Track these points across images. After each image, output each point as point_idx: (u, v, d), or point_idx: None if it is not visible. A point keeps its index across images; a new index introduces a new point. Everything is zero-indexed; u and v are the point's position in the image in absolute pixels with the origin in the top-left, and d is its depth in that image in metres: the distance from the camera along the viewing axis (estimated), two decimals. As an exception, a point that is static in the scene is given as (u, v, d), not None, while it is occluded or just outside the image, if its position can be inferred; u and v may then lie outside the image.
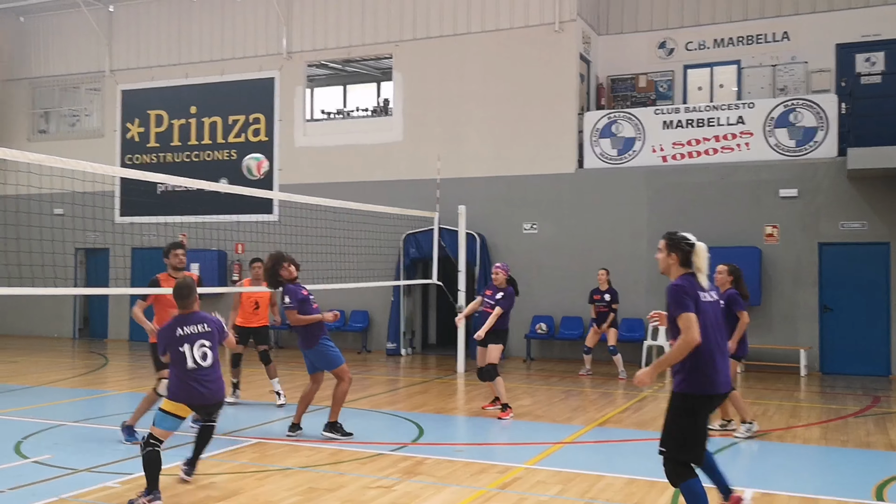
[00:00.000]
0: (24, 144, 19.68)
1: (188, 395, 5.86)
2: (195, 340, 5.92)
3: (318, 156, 17.55)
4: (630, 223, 15.02)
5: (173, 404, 5.84)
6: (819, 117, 14.06)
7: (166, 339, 5.96)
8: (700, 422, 4.69)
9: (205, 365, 5.91)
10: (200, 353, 5.90)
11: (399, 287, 15.77)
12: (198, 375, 5.87)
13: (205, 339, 5.98)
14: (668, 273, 4.90)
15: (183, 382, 5.86)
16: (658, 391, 11.60)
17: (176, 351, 5.90)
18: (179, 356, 5.88)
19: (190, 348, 5.88)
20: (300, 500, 5.78)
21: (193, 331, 5.96)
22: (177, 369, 5.90)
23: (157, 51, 19.19)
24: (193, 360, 5.87)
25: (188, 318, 6.04)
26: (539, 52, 15.78)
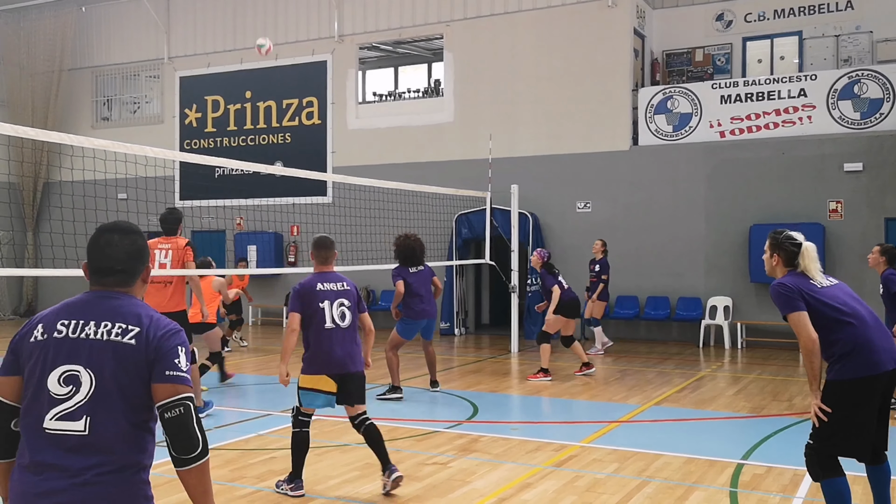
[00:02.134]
0: (88, 131, 20.27)
1: (325, 361, 5.28)
2: (335, 298, 5.36)
3: (370, 138, 17.65)
4: (687, 201, 14.75)
5: (311, 378, 5.31)
6: (885, 88, 13.54)
7: (302, 294, 5.33)
8: (863, 411, 4.14)
9: (343, 325, 5.33)
10: (339, 313, 5.33)
11: (452, 267, 15.82)
12: (334, 336, 5.29)
13: (344, 297, 5.41)
14: (773, 274, 4.55)
15: (318, 347, 5.29)
16: (717, 370, 11.44)
17: (313, 307, 5.29)
18: (316, 314, 5.28)
19: (329, 305, 5.31)
20: (358, 476, 5.88)
21: (333, 288, 5.39)
22: (312, 331, 5.32)
23: (213, 37, 19.50)
24: (332, 318, 5.30)
25: (327, 275, 5.50)
26: (592, 28, 15.53)
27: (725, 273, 14.41)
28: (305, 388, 5.32)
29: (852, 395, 4.14)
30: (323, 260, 5.54)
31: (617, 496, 5.41)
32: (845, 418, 4.14)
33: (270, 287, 18.25)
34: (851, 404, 4.14)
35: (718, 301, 14.24)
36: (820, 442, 4.21)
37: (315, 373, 5.28)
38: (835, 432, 4.16)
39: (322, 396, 5.29)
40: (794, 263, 4.46)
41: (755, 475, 5.90)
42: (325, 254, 5.55)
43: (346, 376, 5.32)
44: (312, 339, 5.32)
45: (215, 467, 6.08)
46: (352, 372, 5.33)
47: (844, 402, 4.15)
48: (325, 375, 5.28)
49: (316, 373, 5.28)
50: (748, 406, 8.67)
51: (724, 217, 14.44)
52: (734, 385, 10.15)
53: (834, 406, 4.16)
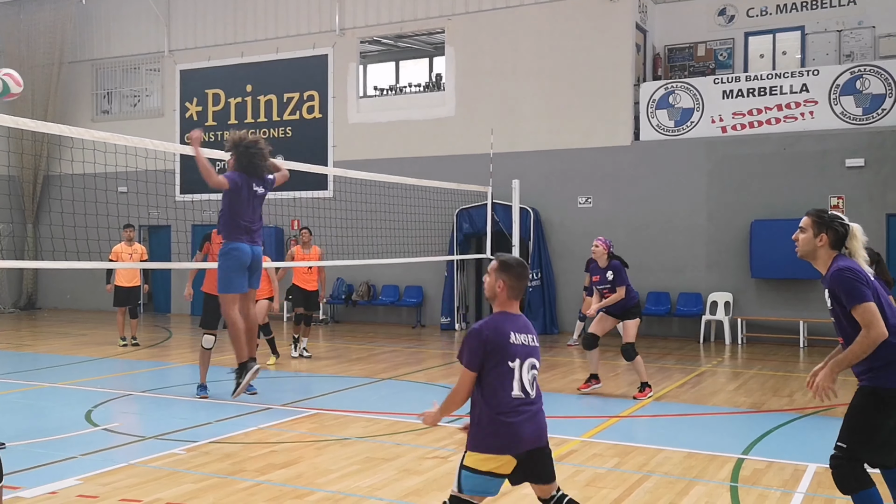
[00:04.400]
0: (88, 124, 20.23)
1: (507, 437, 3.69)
2: (526, 357, 3.75)
3: (371, 132, 17.62)
4: (688, 196, 14.73)
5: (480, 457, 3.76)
6: (887, 84, 13.51)
7: (487, 342, 3.71)
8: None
9: (532, 395, 3.75)
10: (530, 378, 3.75)
11: (453, 262, 15.81)
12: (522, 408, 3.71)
13: (535, 357, 3.81)
14: (812, 257, 4.14)
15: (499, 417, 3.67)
16: (717, 366, 11.43)
17: (501, 365, 3.69)
18: (503, 375, 3.69)
19: (520, 366, 3.72)
20: (358, 469, 5.88)
21: (525, 341, 3.79)
22: (494, 393, 3.69)
23: (214, 31, 19.45)
24: (521, 385, 3.71)
25: (516, 319, 3.85)
26: (593, 23, 15.49)
27: (726, 268, 14.40)
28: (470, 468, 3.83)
29: (893, 401, 3.89)
30: (514, 293, 3.89)
31: (617, 491, 5.40)
32: (882, 425, 3.91)
33: (271, 281, 18.22)
34: (891, 411, 3.90)
35: (719, 296, 14.23)
36: (858, 448, 3.94)
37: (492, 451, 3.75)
38: (873, 438, 3.92)
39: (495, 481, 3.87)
40: (841, 245, 4.08)
41: (756, 470, 5.90)
42: (519, 286, 3.90)
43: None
44: (490, 408, 3.73)
45: (216, 461, 6.08)
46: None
47: (883, 408, 3.90)
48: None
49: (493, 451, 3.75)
50: (748, 401, 8.67)
51: (726, 212, 14.42)
52: (734, 380, 10.14)
53: (874, 412, 3.91)
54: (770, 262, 13.67)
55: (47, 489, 5.30)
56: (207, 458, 6.14)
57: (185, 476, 5.67)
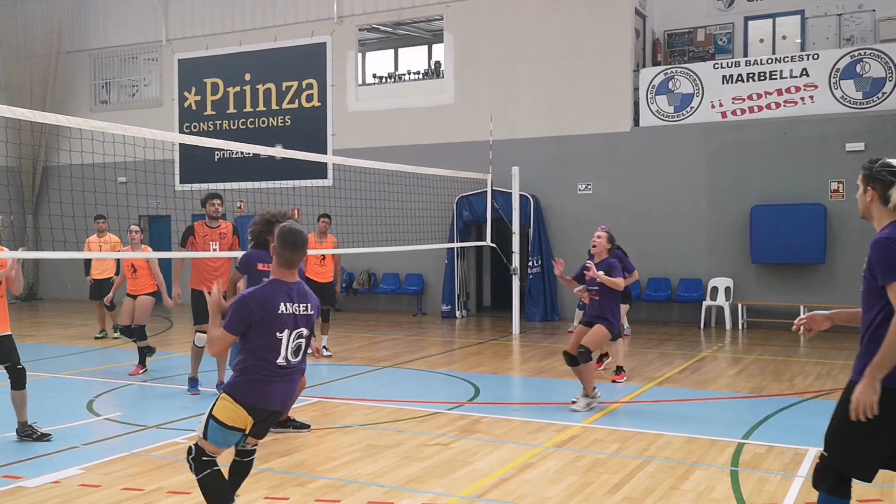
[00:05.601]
0: (86, 114, 20.15)
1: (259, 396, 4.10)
2: (297, 326, 4.12)
3: (370, 120, 17.57)
4: (688, 182, 14.71)
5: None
6: (887, 68, 13.46)
7: (255, 308, 4.02)
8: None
9: (294, 361, 4.15)
10: (295, 346, 4.13)
11: (453, 250, 15.80)
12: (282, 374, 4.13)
13: (305, 325, 4.16)
14: (870, 217, 3.51)
15: (258, 376, 4.09)
16: (718, 351, 11.45)
17: (265, 334, 4.04)
18: (269, 343, 4.05)
19: (287, 336, 4.08)
20: (360, 457, 5.90)
21: (296, 310, 4.11)
22: (260, 358, 4.07)
23: (212, 19, 19.36)
24: (286, 353, 4.10)
25: (292, 287, 4.14)
26: (593, 8, 15.41)
27: (726, 254, 14.39)
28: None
29: None
30: (287, 263, 4.14)
31: (618, 476, 5.42)
32: (883, 430, 3.42)
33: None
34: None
35: (719, 282, 14.23)
36: (840, 457, 3.54)
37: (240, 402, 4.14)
38: (864, 447, 3.46)
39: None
40: (889, 198, 3.39)
41: (756, 454, 5.92)
42: (292, 256, 4.13)
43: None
44: (252, 368, 4.14)
45: (217, 449, 6.10)
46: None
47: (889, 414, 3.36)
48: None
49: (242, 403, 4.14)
50: (749, 386, 8.68)
51: (726, 198, 14.40)
52: (735, 365, 10.16)
53: (883, 416, 3.37)
54: (770, 247, 13.66)
55: (50, 479, 5.32)
56: (209, 447, 6.15)
57: (187, 465, 5.67)
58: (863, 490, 5.12)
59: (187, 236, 8.35)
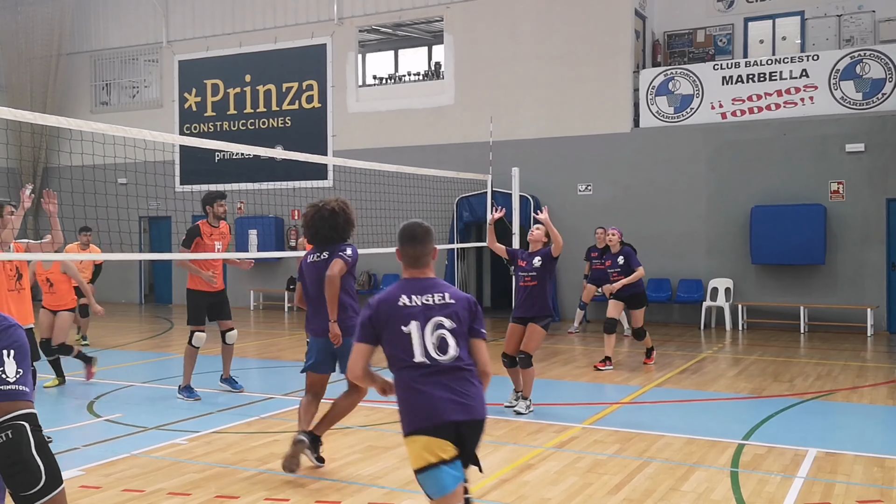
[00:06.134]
0: (87, 116, 20.18)
1: (426, 410, 3.32)
2: (431, 316, 3.42)
3: (370, 121, 17.59)
4: (688, 183, 14.71)
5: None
6: (887, 68, 13.47)
7: (374, 309, 3.47)
8: None
9: (443, 359, 3.36)
10: (437, 339, 3.38)
11: (453, 251, 15.81)
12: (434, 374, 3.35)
13: (443, 314, 3.44)
14: None
15: (409, 390, 3.36)
16: (718, 352, 11.45)
17: (393, 334, 3.40)
18: (400, 341, 3.38)
19: (419, 328, 3.39)
20: (360, 458, 5.90)
21: (426, 301, 3.45)
22: (397, 366, 3.40)
23: (212, 21, 19.38)
24: (424, 349, 3.36)
25: (420, 281, 3.55)
26: (593, 9, 15.43)
27: (726, 255, 14.40)
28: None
29: None
30: (413, 261, 3.59)
31: (618, 477, 5.42)
32: None
33: (272, 272, 18.26)
34: None
35: (719, 283, 14.24)
36: None
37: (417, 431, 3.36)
38: None
39: (439, 471, 3.33)
40: None
41: (756, 455, 5.92)
42: (415, 250, 3.59)
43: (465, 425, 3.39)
44: (401, 378, 3.41)
45: (218, 450, 6.11)
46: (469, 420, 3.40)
47: None
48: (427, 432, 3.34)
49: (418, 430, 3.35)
50: (749, 387, 8.69)
51: (726, 198, 14.41)
52: (735, 366, 10.16)
53: None
54: (770, 247, 13.67)
55: (51, 480, 5.32)
56: (209, 448, 6.17)
57: (188, 466, 5.69)
58: (863, 490, 5.13)
59: (194, 237, 8.10)
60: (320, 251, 5.89)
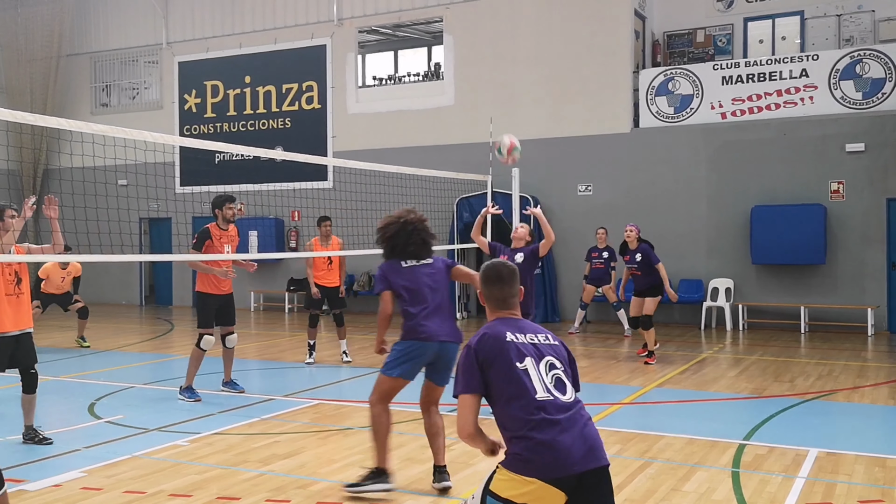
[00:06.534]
0: (87, 117, 20.19)
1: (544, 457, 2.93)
2: (544, 355, 3.17)
3: (370, 122, 17.59)
4: (688, 183, 14.72)
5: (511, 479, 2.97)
6: (887, 68, 13.47)
7: (479, 349, 3.17)
8: None
9: (564, 400, 3.06)
10: (553, 378, 3.11)
11: (453, 251, 15.80)
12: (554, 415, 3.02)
13: (553, 355, 3.20)
14: None
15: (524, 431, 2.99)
16: (718, 352, 11.45)
17: (504, 372, 3.10)
18: (515, 381, 3.08)
19: (535, 364, 3.12)
20: (361, 459, 5.90)
21: (532, 340, 3.21)
22: (510, 406, 3.08)
23: (212, 22, 19.39)
24: (544, 386, 3.08)
25: (516, 321, 3.30)
26: (592, 10, 15.43)
27: (727, 255, 14.40)
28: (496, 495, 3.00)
29: None
30: (500, 303, 3.37)
31: (619, 477, 5.42)
32: None
33: (272, 273, 18.25)
34: None
35: (720, 283, 14.24)
36: None
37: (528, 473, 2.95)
38: None
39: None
40: None
41: (757, 455, 5.92)
42: (503, 291, 3.36)
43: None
44: (514, 417, 3.07)
45: (219, 452, 6.11)
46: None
47: None
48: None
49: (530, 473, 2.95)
50: (750, 387, 8.69)
51: (726, 198, 14.41)
52: (736, 366, 10.16)
53: None
54: (770, 247, 13.67)
55: (51, 482, 5.33)
56: (210, 450, 6.17)
57: (189, 467, 5.69)
58: (864, 490, 5.13)
59: (204, 240, 8.03)
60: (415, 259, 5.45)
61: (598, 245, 13.12)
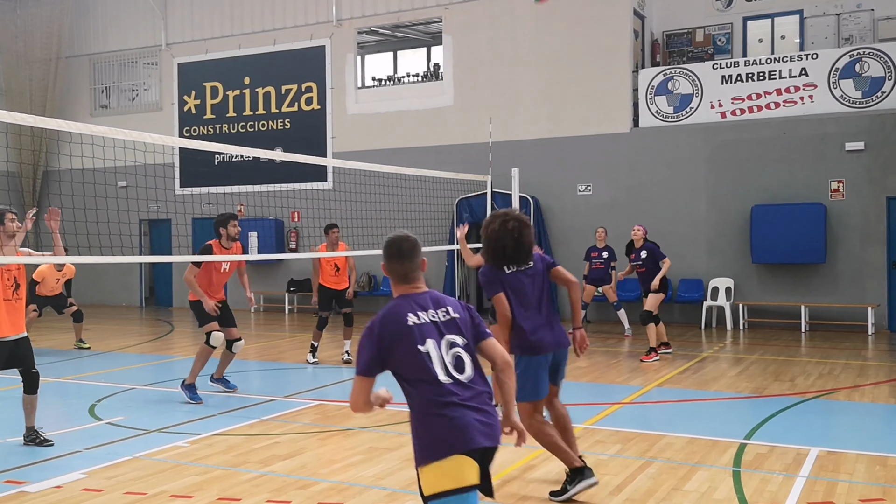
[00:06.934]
0: (86, 119, 20.19)
1: (456, 434, 3.13)
2: (444, 334, 3.27)
3: (370, 123, 17.59)
4: (688, 182, 14.72)
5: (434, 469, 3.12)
6: (886, 67, 13.47)
7: (379, 331, 3.26)
8: None
9: (463, 378, 3.23)
10: (453, 358, 3.25)
11: (453, 252, 15.81)
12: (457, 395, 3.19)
13: (455, 332, 3.31)
14: None
15: (431, 413, 3.19)
16: (719, 351, 11.45)
17: (406, 354, 3.21)
18: (418, 364, 3.20)
19: (436, 346, 3.23)
20: (362, 459, 5.90)
21: (434, 317, 3.29)
22: (416, 388, 3.22)
23: (211, 23, 19.39)
24: (445, 368, 3.21)
25: (419, 297, 3.34)
26: (591, 9, 15.43)
27: (727, 254, 14.40)
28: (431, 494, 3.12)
29: None
30: (401, 276, 3.39)
31: (620, 477, 5.42)
32: None
33: (272, 274, 18.26)
34: None
35: (720, 282, 14.24)
36: None
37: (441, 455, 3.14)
38: None
39: (464, 498, 3.14)
40: None
41: (758, 455, 5.92)
42: (404, 266, 3.38)
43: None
44: (421, 401, 3.25)
45: (219, 453, 6.11)
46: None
47: None
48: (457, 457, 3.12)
49: (443, 454, 3.14)
50: (750, 386, 8.68)
51: (726, 198, 14.41)
52: (736, 366, 10.16)
53: None
54: (770, 247, 13.67)
55: (52, 483, 5.32)
56: (211, 451, 6.17)
57: (189, 468, 5.69)
58: (865, 489, 5.13)
59: (206, 253, 8.15)
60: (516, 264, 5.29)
61: (597, 245, 13.12)
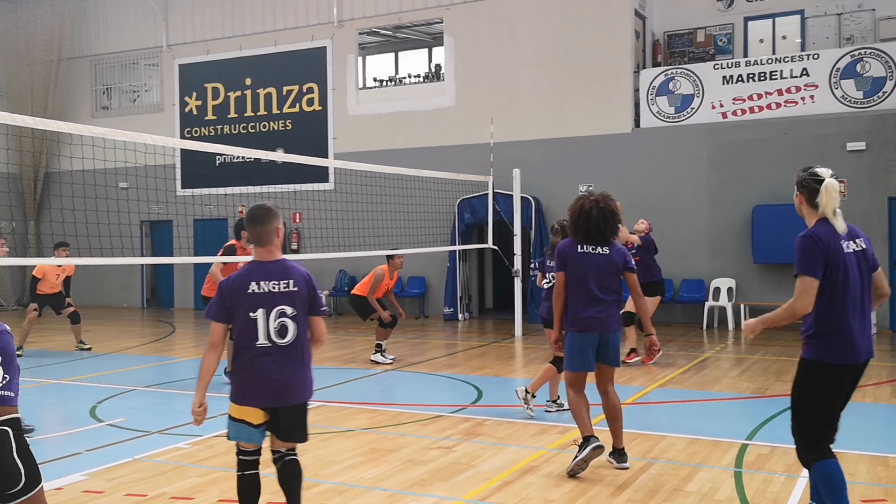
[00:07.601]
0: (88, 120, 20.21)
1: (252, 391, 4.03)
2: (276, 304, 3.95)
3: (371, 123, 17.59)
4: (690, 183, 14.71)
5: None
6: (888, 67, 13.45)
7: (227, 293, 3.99)
8: (828, 396, 4.18)
9: (281, 343, 3.97)
10: (278, 326, 3.95)
11: (455, 252, 15.81)
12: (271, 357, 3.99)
13: (286, 303, 3.98)
14: (804, 218, 4.35)
15: (242, 367, 4.02)
16: (721, 352, 11.44)
17: (240, 317, 3.96)
18: (246, 326, 3.95)
19: (265, 315, 3.94)
20: (363, 461, 5.89)
21: (273, 288, 3.97)
22: (237, 343, 4.03)
23: (212, 24, 19.40)
24: (267, 333, 3.94)
25: (268, 266, 4.04)
26: (593, 10, 15.42)
27: (728, 254, 14.39)
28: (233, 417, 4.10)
29: (822, 377, 4.33)
30: (258, 239, 4.09)
31: (622, 478, 5.41)
32: (814, 399, 4.37)
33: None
34: (820, 386, 4.36)
35: (722, 283, 14.23)
36: (798, 425, 4.42)
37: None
38: (809, 414, 4.37)
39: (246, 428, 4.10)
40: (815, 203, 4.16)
41: (760, 455, 5.91)
42: (259, 229, 4.07)
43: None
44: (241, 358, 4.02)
45: (220, 454, 6.10)
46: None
47: (814, 382, 4.41)
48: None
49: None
50: (752, 387, 8.67)
51: (727, 198, 14.40)
52: (738, 366, 10.15)
53: (806, 385, 4.42)
54: (772, 247, 13.65)
55: (53, 485, 5.32)
56: (212, 452, 6.16)
57: (190, 470, 5.69)
58: (867, 489, 5.11)
59: (229, 254, 8.64)
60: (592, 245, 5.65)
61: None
